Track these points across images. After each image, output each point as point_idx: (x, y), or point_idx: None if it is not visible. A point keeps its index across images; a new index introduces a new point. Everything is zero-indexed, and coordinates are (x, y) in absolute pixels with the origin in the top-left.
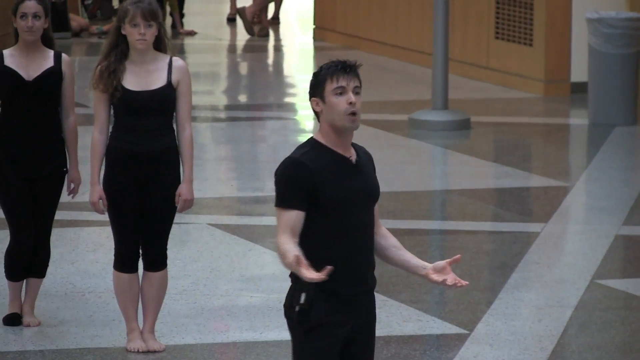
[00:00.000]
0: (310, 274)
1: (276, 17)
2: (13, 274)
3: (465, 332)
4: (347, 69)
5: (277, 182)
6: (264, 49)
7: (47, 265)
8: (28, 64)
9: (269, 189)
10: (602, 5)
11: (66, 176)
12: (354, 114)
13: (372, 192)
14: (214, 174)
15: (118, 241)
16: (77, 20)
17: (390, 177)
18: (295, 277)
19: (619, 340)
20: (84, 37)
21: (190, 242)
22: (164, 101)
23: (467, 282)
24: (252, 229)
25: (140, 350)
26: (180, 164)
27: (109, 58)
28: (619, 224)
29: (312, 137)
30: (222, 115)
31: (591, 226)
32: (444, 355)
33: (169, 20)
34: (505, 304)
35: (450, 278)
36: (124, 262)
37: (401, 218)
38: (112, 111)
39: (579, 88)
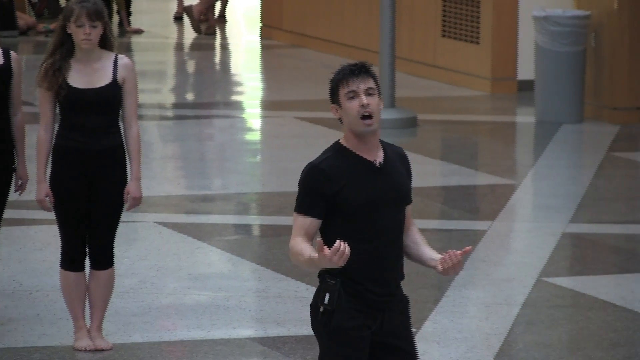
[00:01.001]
0: (331, 254)
1: (223, 16)
2: None
3: (413, 330)
4: (357, 71)
5: (298, 187)
6: (211, 47)
7: None
8: None
9: (217, 187)
10: (549, 3)
11: (14, 174)
12: (367, 117)
13: (399, 194)
14: (161, 172)
15: (64, 240)
16: (25, 18)
17: None
18: (322, 277)
19: (566, 338)
20: (31, 35)
21: (137, 240)
22: (110, 99)
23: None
24: (200, 227)
25: (88, 349)
26: (128, 161)
27: (54, 56)
28: (566, 221)
29: (337, 141)
30: (169, 113)
31: (538, 224)
32: None
33: (116, 19)
34: (453, 301)
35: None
36: (70, 261)
37: None
38: (57, 109)
39: (526, 86)
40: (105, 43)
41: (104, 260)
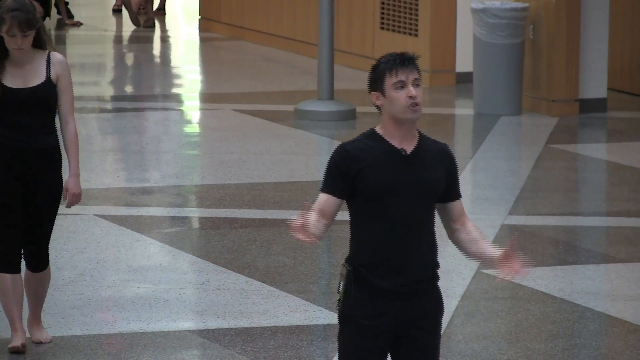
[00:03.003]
0: (295, 232)
1: (162, 8)
2: None
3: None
4: (406, 62)
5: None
6: (150, 40)
7: None
8: None
9: (155, 179)
10: None
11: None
12: (415, 105)
13: (421, 185)
14: (100, 165)
15: (0, 241)
16: None
17: (276, 168)
18: (343, 264)
19: (505, 329)
20: None
21: (76, 233)
22: (44, 97)
23: (525, 271)
24: (139, 219)
25: (18, 347)
26: (66, 159)
27: None
28: (504, 213)
29: (372, 128)
30: (108, 106)
31: (477, 216)
32: (331, 345)
33: (54, 11)
34: None
35: (508, 269)
36: (7, 263)
37: (287, 208)
38: None
39: (464, 78)
40: (38, 43)
41: (41, 262)
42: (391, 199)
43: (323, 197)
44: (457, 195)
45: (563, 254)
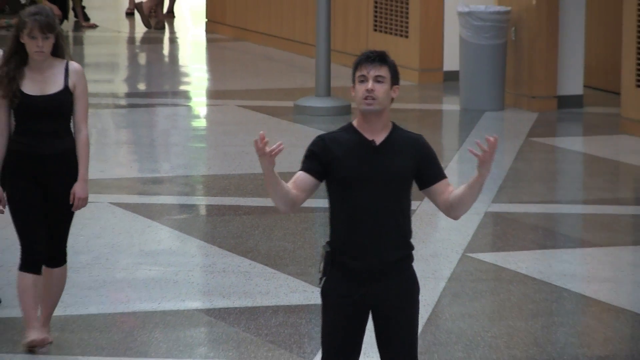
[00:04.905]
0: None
1: (171, 11)
2: None
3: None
4: (371, 58)
5: None
6: (160, 41)
7: None
8: None
9: (165, 170)
10: None
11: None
12: (370, 98)
13: (391, 174)
14: (114, 156)
15: (23, 243)
16: None
17: (277, 159)
18: (322, 247)
19: (489, 309)
20: None
21: (92, 219)
22: (61, 105)
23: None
24: (150, 207)
25: (36, 340)
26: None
27: (9, 65)
28: (488, 201)
29: (350, 122)
30: (122, 102)
31: None
32: None
33: (72, 14)
34: None
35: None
36: (29, 264)
37: None
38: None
39: (451, 76)
40: (57, 51)
41: (58, 259)
42: (360, 186)
43: (298, 174)
44: (439, 177)
45: (542, 239)
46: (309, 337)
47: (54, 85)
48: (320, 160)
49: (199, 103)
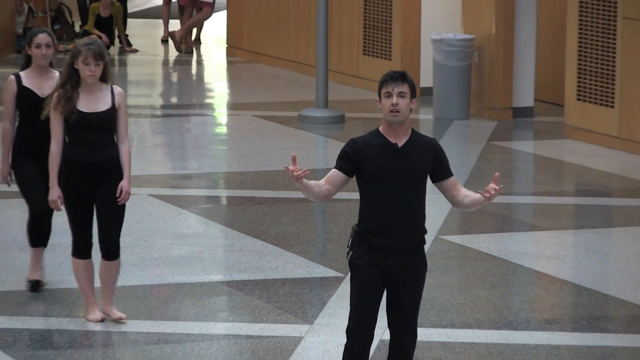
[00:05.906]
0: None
1: (198, 39)
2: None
3: (342, 275)
4: (394, 78)
5: None
6: (189, 63)
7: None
8: (41, 84)
9: (194, 168)
10: (443, 28)
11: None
12: (395, 111)
13: (410, 171)
14: (152, 157)
15: (75, 234)
16: None
17: (284, 159)
18: (352, 227)
19: (457, 281)
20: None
21: (134, 208)
22: (110, 120)
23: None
24: (181, 198)
25: (98, 320)
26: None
27: (65, 87)
28: None
29: (377, 128)
30: (158, 112)
31: (434, 196)
32: (326, 293)
33: (117, 41)
34: None
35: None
36: (81, 251)
37: (293, 190)
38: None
39: (427, 91)
40: (104, 77)
41: (112, 252)
42: (385, 181)
43: (333, 171)
44: (448, 174)
45: (501, 224)
46: (310, 304)
47: (104, 104)
48: (351, 160)
49: (221, 113)
